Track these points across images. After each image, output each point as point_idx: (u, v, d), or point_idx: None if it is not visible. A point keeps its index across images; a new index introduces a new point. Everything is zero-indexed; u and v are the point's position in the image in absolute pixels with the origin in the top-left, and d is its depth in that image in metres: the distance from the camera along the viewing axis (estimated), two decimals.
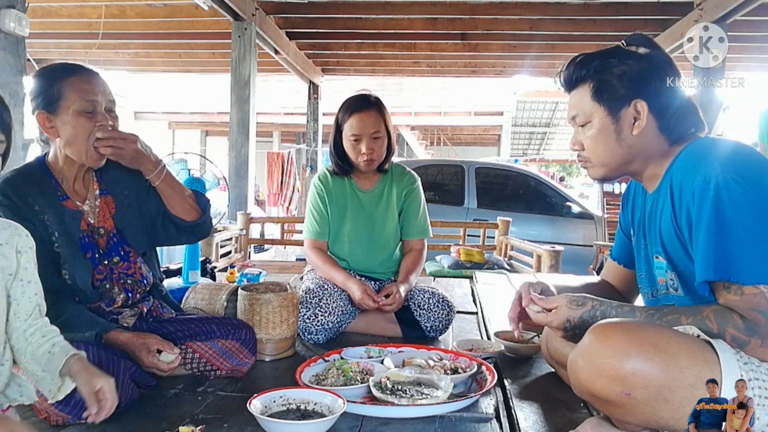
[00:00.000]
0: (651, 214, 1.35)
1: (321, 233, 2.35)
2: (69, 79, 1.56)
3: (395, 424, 1.43)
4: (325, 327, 2.09)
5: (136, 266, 1.73)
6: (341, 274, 2.24)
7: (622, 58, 1.31)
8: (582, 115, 1.35)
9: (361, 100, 2.28)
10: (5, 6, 3.04)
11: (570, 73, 1.37)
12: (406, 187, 2.41)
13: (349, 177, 2.37)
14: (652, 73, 1.30)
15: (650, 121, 1.30)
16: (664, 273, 1.32)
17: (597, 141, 1.34)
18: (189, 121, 15.26)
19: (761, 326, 1.11)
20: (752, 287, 1.12)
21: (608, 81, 1.31)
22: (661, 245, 1.30)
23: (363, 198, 2.38)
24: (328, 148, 2.37)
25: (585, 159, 1.39)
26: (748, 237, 1.13)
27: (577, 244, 6.03)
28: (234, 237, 4.56)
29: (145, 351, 1.53)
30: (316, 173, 2.46)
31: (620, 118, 1.31)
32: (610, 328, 1.17)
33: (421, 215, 2.43)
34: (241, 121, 5.84)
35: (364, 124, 2.23)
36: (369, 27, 6.70)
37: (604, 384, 1.13)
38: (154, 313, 1.76)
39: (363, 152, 2.24)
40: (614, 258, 1.62)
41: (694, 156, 1.25)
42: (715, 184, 1.15)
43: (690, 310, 1.20)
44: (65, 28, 6.97)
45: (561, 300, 1.35)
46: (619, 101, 1.30)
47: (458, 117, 14.29)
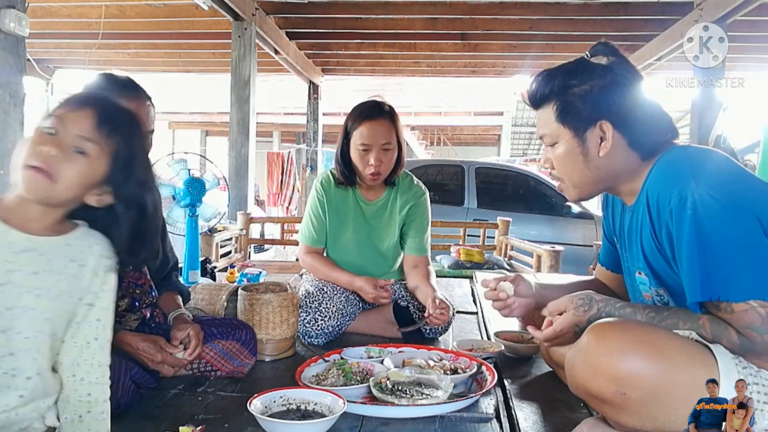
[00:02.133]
0: (630, 229, 1.32)
1: (317, 240, 2.29)
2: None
3: (395, 424, 1.43)
4: (325, 331, 2.09)
5: (146, 278, 1.74)
6: (344, 274, 2.20)
7: (584, 77, 1.27)
8: (549, 136, 1.33)
9: (373, 108, 2.16)
10: (5, 6, 3.04)
11: (534, 91, 1.33)
12: (412, 199, 2.29)
13: (353, 186, 2.28)
14: (615, 89, 1.25)
15: (618, 140, 1.26)
16: (647, 289, 1.30)
17: (565, 162, 1.32)
18: (189, 121, 15.26)
19: (757, 344, 1.10)
20: (742, 304, 1.09)
21: (571, 102, 1.27)
22: (644, 261, 1.28)
23: (366, 209, 2.29)
24: (335, 155, 2.26)
25: (557, 178, 1.37)
26: (731, 253, 1.10)
27: (577, 244, 6.03)
28: (234, 237, 4.55)
29: (156, 348, 1.54)
30: (320, 175, 2.35)
31: (586, 139, 1.27)
32: (608, 328, 1.16)
33: (424, 232, 2.31)
34: (241, 121, 5.84)
35: (375, 134, 2.11)
36: (369, 27, 6.70)
37: (601, 383, 1.12)
38: (157, 318, 1.77)
39: (371, 163, 2.12)
40: (602, 263, 1.60)
41: (667, 170, 1.21)
42: (692, 202, 1.12)
43: (688, 315, 1.18)
44: (65, 28, 6.97)
45: (566, 304, 1.33)
46: (584, 123, 1.26)
47: (458, 117, 14.29)
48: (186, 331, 1.61)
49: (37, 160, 0.99)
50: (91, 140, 1.03)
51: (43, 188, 1.00)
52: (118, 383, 1.42)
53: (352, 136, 2.16)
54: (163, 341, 1.57)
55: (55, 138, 1.01)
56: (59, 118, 1.03)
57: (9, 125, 3.08)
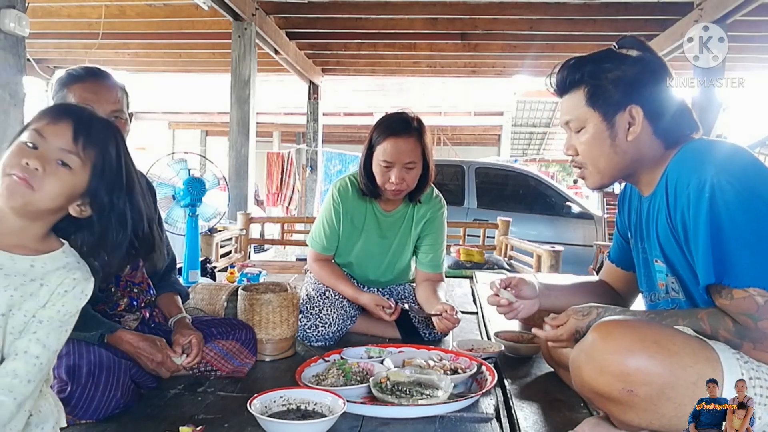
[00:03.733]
0: (648, 218, 1.34)
1: (327, 248, 2.23)
2: (74, 85, 1.59)
3: (395, 424, 1.43)
4: (325, 337, 2.08)
5: (144, 276, 1.74)
6: (350, 287, 2.17)
7: (616, 63, 1.29)
8: (576, 121, 1.33)
9: (400, 123, 2.05)
10: (5, 6, 3.04)
11: (563, 77, 1.35)
12: (429, 213, 2.22)
13: (375, 197, 2.19)
14: (647, 77, 1.29)
15: (645, 127, 1.28)
16: (664, 277, 1.32)
17: (591, 147, 1.33)
18: (189, 121, 15.24)
19: (751, 330, 1.11)
20: (742, 290, 1.11)
21: (603, 86, 1.29)
22: (659, 249, 1.29)
23: (382, 221, 2.23)
24: (358, 166, 2.16)
25: (580, 164, 1.37)
26: (739, 240, 1.12)
27: (577, 244, 6.03)
28: (234, 237, 4.55)
29: (156, 348, 1.53)
30: (338, 180, 2.26)
31: (615, 123, 1.29)
32: (613, 326, 1.17)
33: (440, 247, 2.25)
34: (241, 121, 5.84)
35: (399, 152, 2.01)
36: (369, 27, 6.70)
37: (607, 381, 1.13)
38: (156, 319, 1.76)
39: (391, 181, 2.04)
40: (612, 260, 1.61)
41: (688, 158, 1.24)
42: (710, 187, 1.14)
43: (686, 312, 1.20)
44: (65, 28, 6.97)
45: (568, 314, 1.36)
46: (614, 107, 1.28)
47: (458, 117, 14.28)
48: (189, 338, 1.61)
49: (20, 171, 0.99)
50: (72, 152, 1.03)
51: (22, 195, 0.99)
52: (118, 383, 1.43)
53: (375, 149, 2.07)
54: (162, 342, 1.57)
55: (37, 152, 1.01)
56: (38, 132, 1.03)
57: (9, 125, 3.08)
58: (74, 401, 1.37)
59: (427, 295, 2.17)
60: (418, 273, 2.30)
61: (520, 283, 1.55)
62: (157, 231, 1.23)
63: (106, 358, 1.45)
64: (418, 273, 2.31)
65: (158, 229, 1.19)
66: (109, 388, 1.41)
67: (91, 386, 1.39)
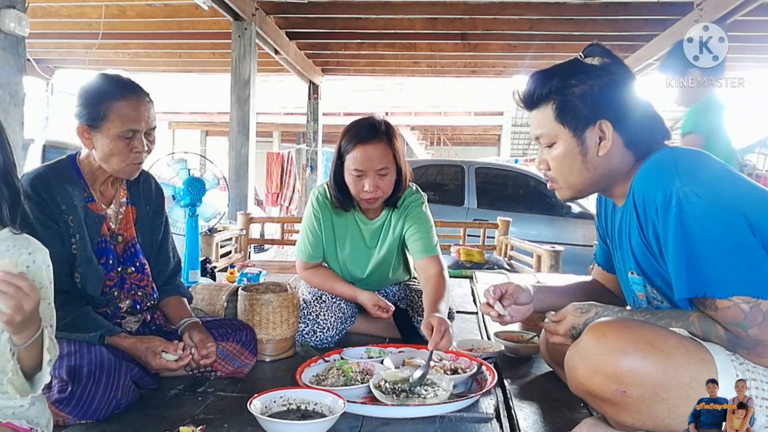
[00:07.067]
0: (620, 229, 1.33)
1: (314, 256, 2.18)
2: (117, 103, 1.55)
3: (395, 424, 1.43)
4: (323, 341, 2.08)
5: (148, 279, 1.74)
6: (346, 286, 2.15)
7: (582, 77, 1.27)
8: (546, 137, 1.32)
9: (367, 129, 1.98)
10: (5, 6, 3.04)
11: (530, 92, 1.32)
12: (409, 205, 2.15)
13: (350, 210, 2.13)
14: (614, 89, 1.26)
15: (616, 139, 1.27)
16: (642, 288, 1.31)
17: (563, 163, 1.31)
18: (189, 121, 15.26)
19: (742, 339, 1.11)
20: (726, 300, 1.10)
21: (570, 102, 1.26)
22: (634, 261, 1.29)
23: (365, 229, 2.17)
24: (328, 179, 2.11)
25: (552, 179, 1.36)
26: (714, 250, 1.11)
27: (577, 244, 6.02)
28: (234, 237, 4.56)
29: (151, 354, 1.53)
30: (316, 187, 2.21)
31: (585, 139, 1.27)
32: (607, 326, 1.17)
33: (426, 231, 2.14)
34: (241, 121, 5.84)
35: (370, 159, 1.94)
36: (369, 27, 6.70)
37: (600, 381, 1.13)
38: (158, 321, 1.76)
39: (366, 189, 1.97)
40: (598, 263, 1.61)
41: (653, 169, 1.23)
42: (677, 200, 1.13)
43: (679, 314, 1.20)
44: (65, 28, 6.97)
45: (568, 309, 1.36)
46: (584, 122, 1.26)
47: (458, 117, 14.29)
48: (208, 349, 1.61)
49: None
50: None
51: None
52: (118, 384, 1.43)
53: (345, 159, 2.00)
54: (159, 341, 1.57)
55: None
56: None
57: (9, 125, 3.08)
58: (74, 401, 1.37)
59: (427, 302, 2.01)
60: (418, 267, 2.20)
61: (515, 291, 1.52)
62: (18, 182, 1.12)
63: (107, 358, 1.45)
64: (418, 267, 2.21)
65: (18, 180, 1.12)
66: (110, 388, 1.41)
67: (92, 386, 1.39)
